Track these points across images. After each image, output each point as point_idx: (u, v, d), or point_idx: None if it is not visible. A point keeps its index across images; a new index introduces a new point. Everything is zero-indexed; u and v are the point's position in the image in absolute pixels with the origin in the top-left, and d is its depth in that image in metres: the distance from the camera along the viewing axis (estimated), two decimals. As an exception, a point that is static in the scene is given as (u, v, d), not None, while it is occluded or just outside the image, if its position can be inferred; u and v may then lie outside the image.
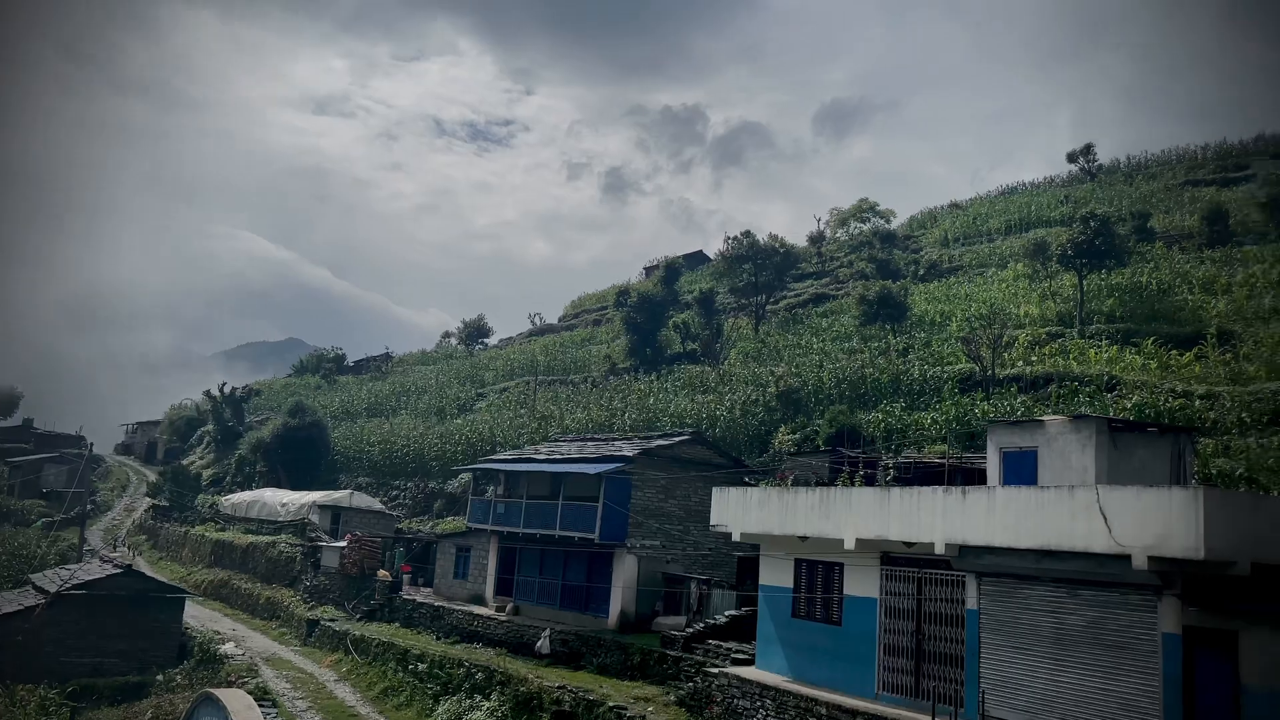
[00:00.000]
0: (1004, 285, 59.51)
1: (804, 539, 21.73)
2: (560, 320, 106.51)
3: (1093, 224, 50.92)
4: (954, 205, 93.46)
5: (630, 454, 34.89)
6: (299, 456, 69.62)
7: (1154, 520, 14.53)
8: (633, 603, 33.07)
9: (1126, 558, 14.80)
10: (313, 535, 53.07)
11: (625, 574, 33.25)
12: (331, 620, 42.90)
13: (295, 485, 63.06)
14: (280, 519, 57.51)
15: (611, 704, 24.85)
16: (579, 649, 31.15)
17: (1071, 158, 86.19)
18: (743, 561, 30.92)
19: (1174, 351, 40.89)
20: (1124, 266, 52.88)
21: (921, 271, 70.16)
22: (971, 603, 18.17)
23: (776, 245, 70.23)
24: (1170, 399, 34.89)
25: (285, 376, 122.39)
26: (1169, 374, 38.59)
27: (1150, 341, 42.56)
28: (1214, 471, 27.88)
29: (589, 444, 41.08)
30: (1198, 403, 34.14)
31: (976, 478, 25.94)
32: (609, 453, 36.31)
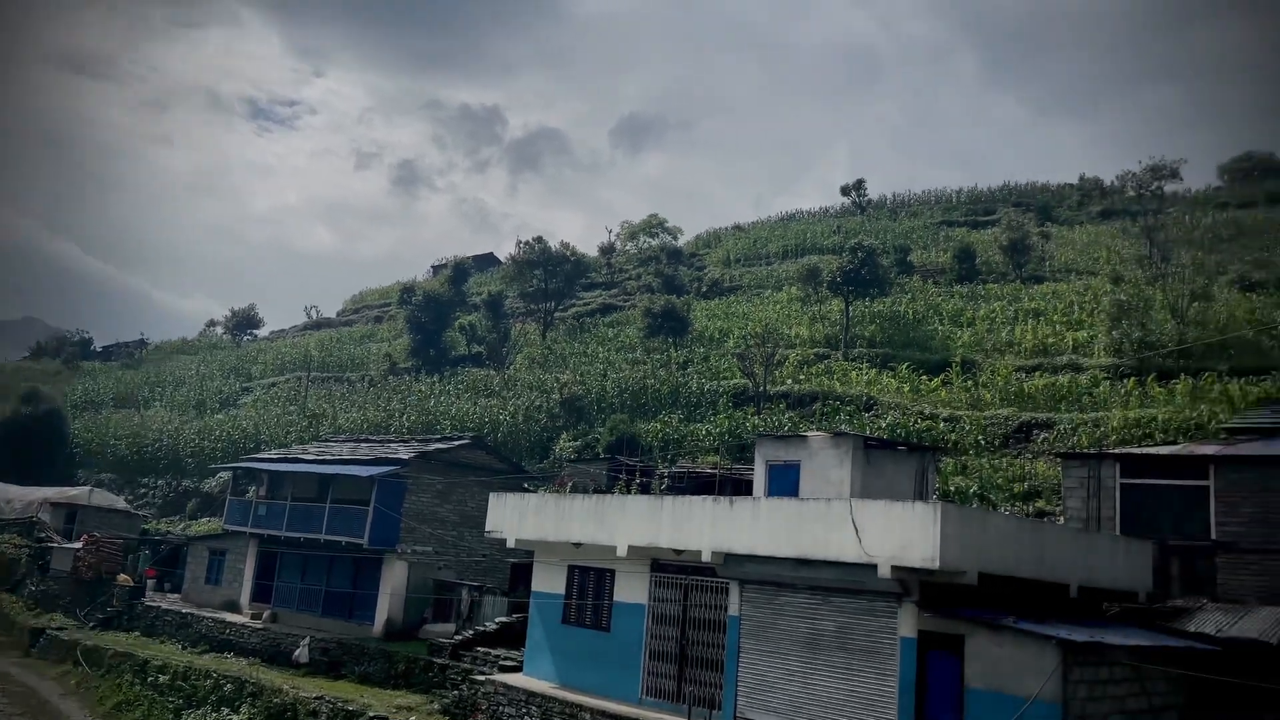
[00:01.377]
0: (779, 306, 62.64)
1: (578, 546, 21.85)
2: (339, 315, 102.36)
3: (860, 255, 54.60)
4: (737, 227, 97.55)
5: (406, 457, 33.92)
6: (30, 449, 62.88)
7: (898, 532, 15.63)
8: (401, 610, 32.13)
9: (873, 566, 15.84)
10: (41, 536, 48.13)
11: (394, 580, 32.25)
12: (60, 629, 39.04)
13: (25, 480, 56.93)
14: (4, 516, 51.72)
15: (372, 714, 23.99)
16: (340, 658, 29.90)
17: (845, 191, 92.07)
18: (516, 568, 30.75)
19: (924, 376, 44.41)
20: (885, 296, 56.97)
21: (704, 288, 72.64)
22: (734, 609, 18.87)
23: (568, 253, 70.71)
24: (919, 420, 37.86)
25: (20, 359, 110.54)
26: (919, 397, 41.86)
27: (905, 366, 46.03)
28: (952, 488, 30.45)
29: (362, 445, 39.63)
30: (942, 425, 37.23)
31: (745, 488, 27.05)
32: (383, 455, 35.15)
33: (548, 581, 23.24)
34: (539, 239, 70.53)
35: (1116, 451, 24.38)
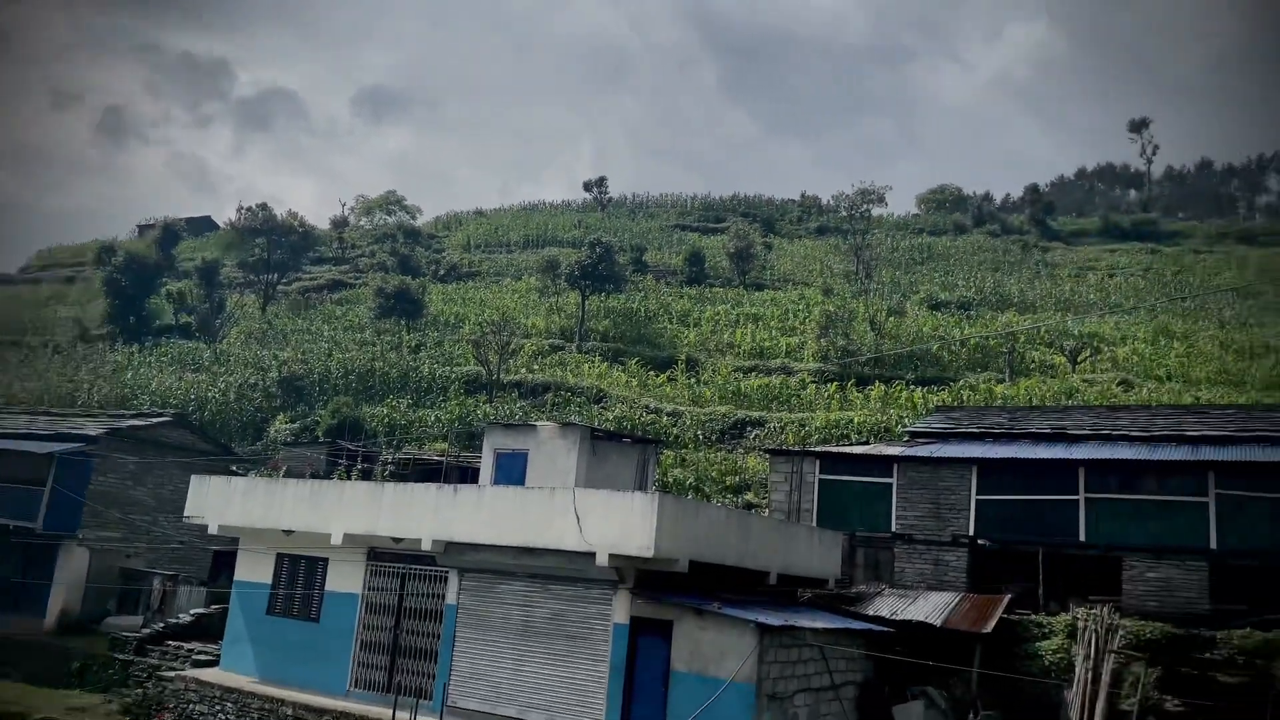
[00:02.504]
0: (517, 295, 62.66)
1: (289, 533, 20.69)
2: (21, 271, 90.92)
3: (598, 250, 55.72)
4: (479, 212, 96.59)
5: (94, 433, 30.66)
6: None
7: (618, 521, 16.06)
8: (79, 602, 29.05)
9: (593, 555, 16.17)
10: None
11: (72, 569, 29.11)
12: None
13: None
14: None
15: (39, 717, 21.49)
16: (2, 656, 26.51)
17: (587, 186, 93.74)
18: (219, 556, 28.66)
19: (652, 372, 46.08)
20: (621, 292, 58.53)
21: (442, 272, 71.28)
22: (452, 598, 18.61)
23: (296, 224, 66.95)
24: (645, 414, 39.22)
25: None
26: (646, 392, 43.37)
27: (635, 362, 47.52)
28: (671, 480, 31.79)
29: (41, 418, 35.41)
30: (665, 419, 38.79)
31: (473, 477, 26.77)
32: (67, 430, 31.57)
33: (253, 570, 21.82)
34: (264, 205, 66.36)
35: (817, 450, 26.45)
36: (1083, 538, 21.51)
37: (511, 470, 22.18)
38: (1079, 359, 43.39)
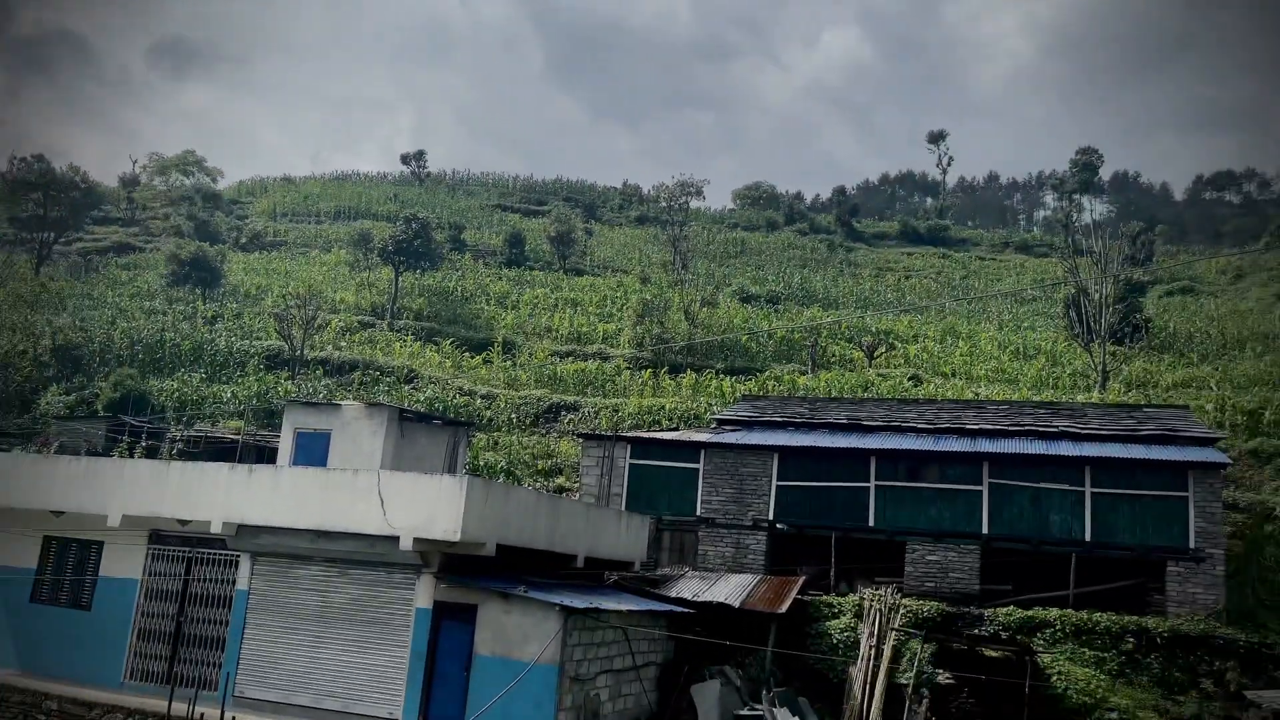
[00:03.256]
0: (325, 269, 60.10)
1: (60, 514, 19.02)
2: None
3: (415, 226, 54.25)
4: (287, 179, 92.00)
5: None
6: None
7: (425, 504, 15.69)
8: None
9: (396, 538, 15.73)
10: None
11: None
12: None
13: None
14: None
15: None
16: None
17: (406, 160, 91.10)
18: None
19: (467, 354, 45.33)
20: (437, 270, 57.22)
21: (244, 240, 67.44)
22: (243, 583, 17.66)
23: (78, 179, 61.59)
24: (458, 395, 38.54)
25: None
26: (460, 373, 42.63)
27: (449, 342, 46.60)
28: (482, 463, 31.39)
29: None
30: (479, 401, 38.27)
31: (271, 457, 25.48)
32: None
33: (14, 555, 19.93)
34: (40, 157, 60.72)
35: (628, 435, 26.80)
36: (872, 523, 22.84)
37: (313, 451, 21.27)
38: (875, 354, 45.97)
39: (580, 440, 26.84)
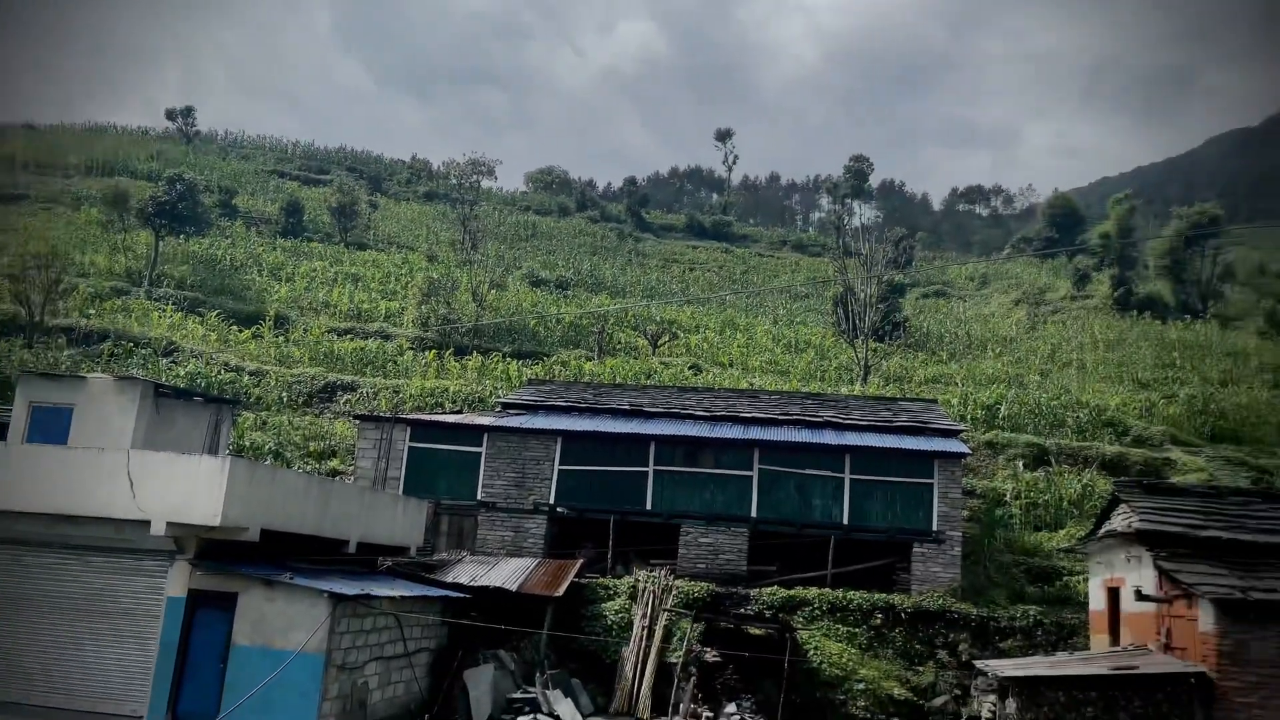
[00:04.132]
0: (74, 228, 54.74)
1: None
2: None
3: (179, 187, 50.38)
4: (30, 127, 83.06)
5: None
6: None
7: (181, 487, 14.59)
8: None
9: (147, 523, 14.56)
10: None
11: None
12: None
13: None
14: None
15: None
16: None
17: (171, 115, 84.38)
18: None
19: (236, 327, 42.61)
20: (203, 236, 53.42)
21: (-25, 190, 60.27)
22: (-39, 574, 15.78)
23: None
24: (224, 371, 36.16)
25: None
26: (227, 348, 40.02)
27: (215, 314, 43.63)
28: (249, 444, 29.64)
29: None
30: (247, 378, 36.07)
31: (3, 433, 22.90)
32: None
33: None
34: None
35: (408, 417, 26.09)
36: (650, 506, 23.40)
37: (52, 428, 19.32)
38: (659, 343, 47.13)
39: (357, 422, 25.87)
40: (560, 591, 19.99)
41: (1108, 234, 70.01)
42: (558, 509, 23.67)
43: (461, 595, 19.45)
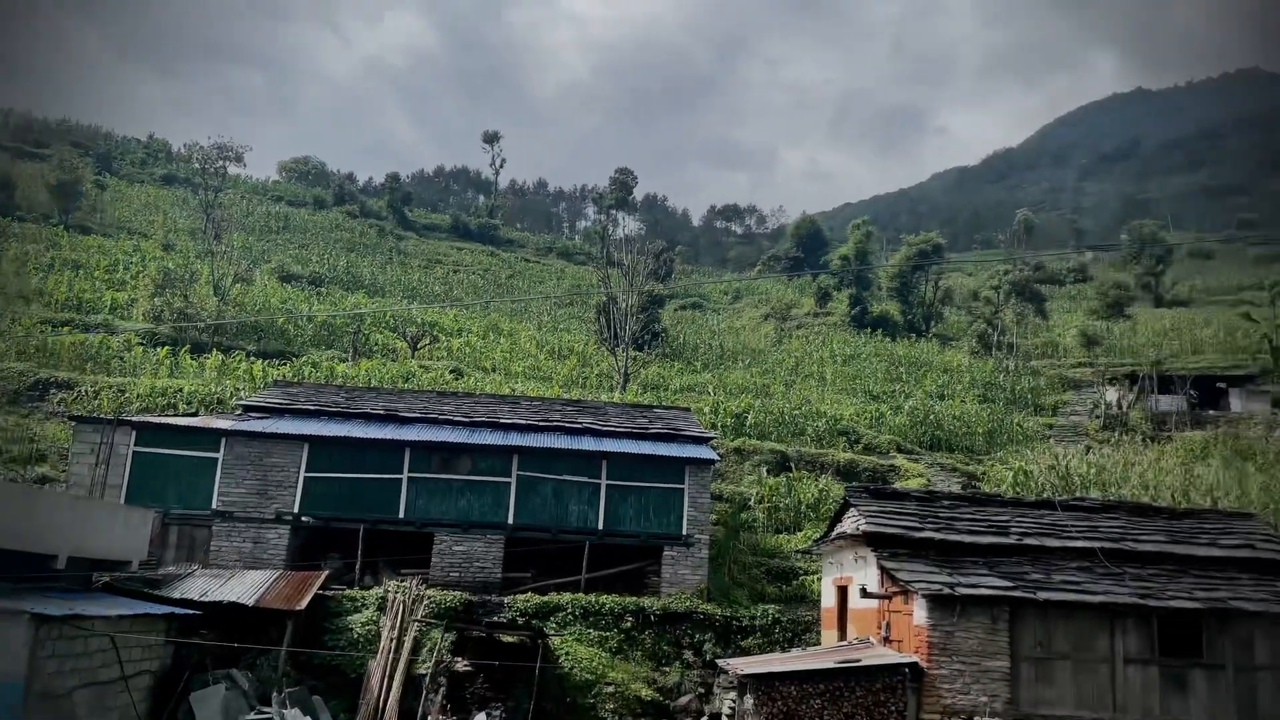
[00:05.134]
0: None
1: None
2: None
3: None
4: None
5: None
6: None
7: None
8: None
9: None
10: None
11: None
12: None
13: None
14: None
15: None
16: None
17: None
18: None
19: (-76, 314, 37.42)
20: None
21: None
22: None
23: None
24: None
25: None
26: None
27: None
28: (-62, 446, 26.10)
29: None
30: (-62, 372, 31.74)
31: None
32: None
33: None
34: None
35: (134, 419, 23.90)
36: (403, 514, 22.69)
37: None
38: (419, 345, 45.97)
39: (73, 424, 23.37)
40: (303, 605, 18.95)
41: (847, 256, 75.71)
42: (303, 518, 22.45)
43: (191, 612, 17.99)
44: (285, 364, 39.40)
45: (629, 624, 20.88)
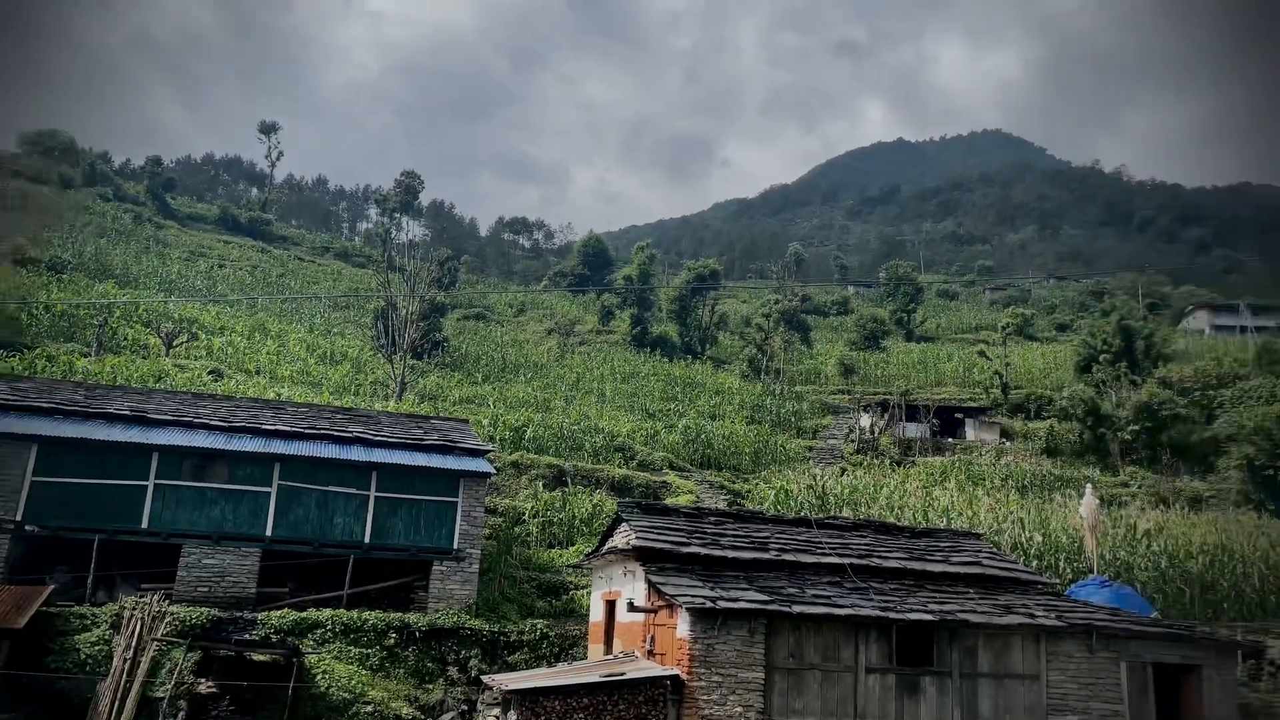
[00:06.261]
0: None
1: None
2: None
3: None
4: None
5: None
6: None
7: None
8: None
9: None
10: None
11: None
12: None
13: None
14: None
15: None
16: None
17: None
18: None
19: None
20: None
21: None
22: None
23: None
24: None
25: None
26: None
27: None
28: None
29: None
30: None
31: None
32: None
33: None
34: None
35: None
36: (146, 524, 20.93)
37: None
38: (175, 343, 42.71)
39: None
40: (21, 623, 17.04)
41: (630, 276, 77.39)
42: (26, 527, 20.22)
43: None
44: (15, 355, 35.49)
45: (392, 641, 20.22)
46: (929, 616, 16.41)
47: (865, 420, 52.21)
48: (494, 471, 25.72)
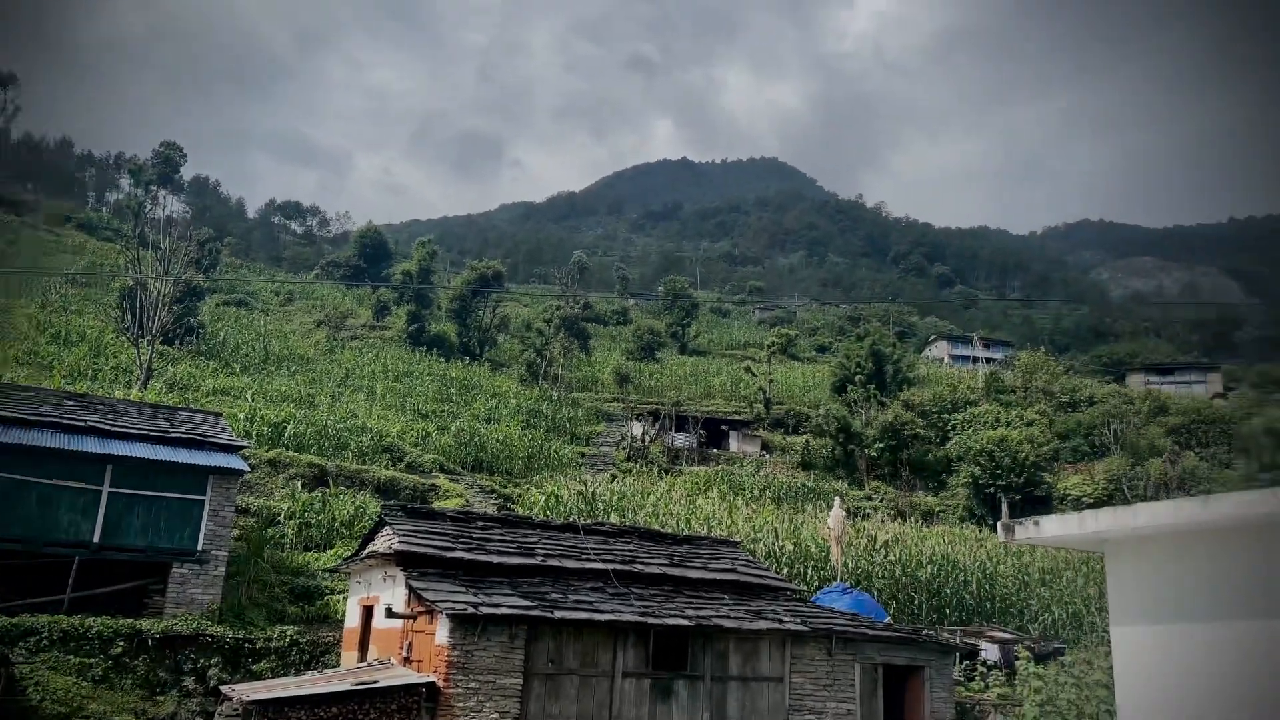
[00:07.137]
0: None
1: None
2: None
3: None
4: None
5: None
6: None
7: None
8: None
9: None
10: None
11: None
12: None
13: None
14: None
15: None
16: None
17: None
18: None
19: None
20: None
21: None
22: None
23: None
24: None
25: None
26: None
27: None
28: None
29: None
30: None
31: None
32: None
33: None
34: None
35: None
36: None
37: None
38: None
39: None
40: None
41: (409, 272, 75.40)
42: None
43: None
44: None
45: (120, 649, 18.52)
46: (686, 622, 16.91)
47: (637, 429, 53.40)
48: (248, 469, 24.21)
